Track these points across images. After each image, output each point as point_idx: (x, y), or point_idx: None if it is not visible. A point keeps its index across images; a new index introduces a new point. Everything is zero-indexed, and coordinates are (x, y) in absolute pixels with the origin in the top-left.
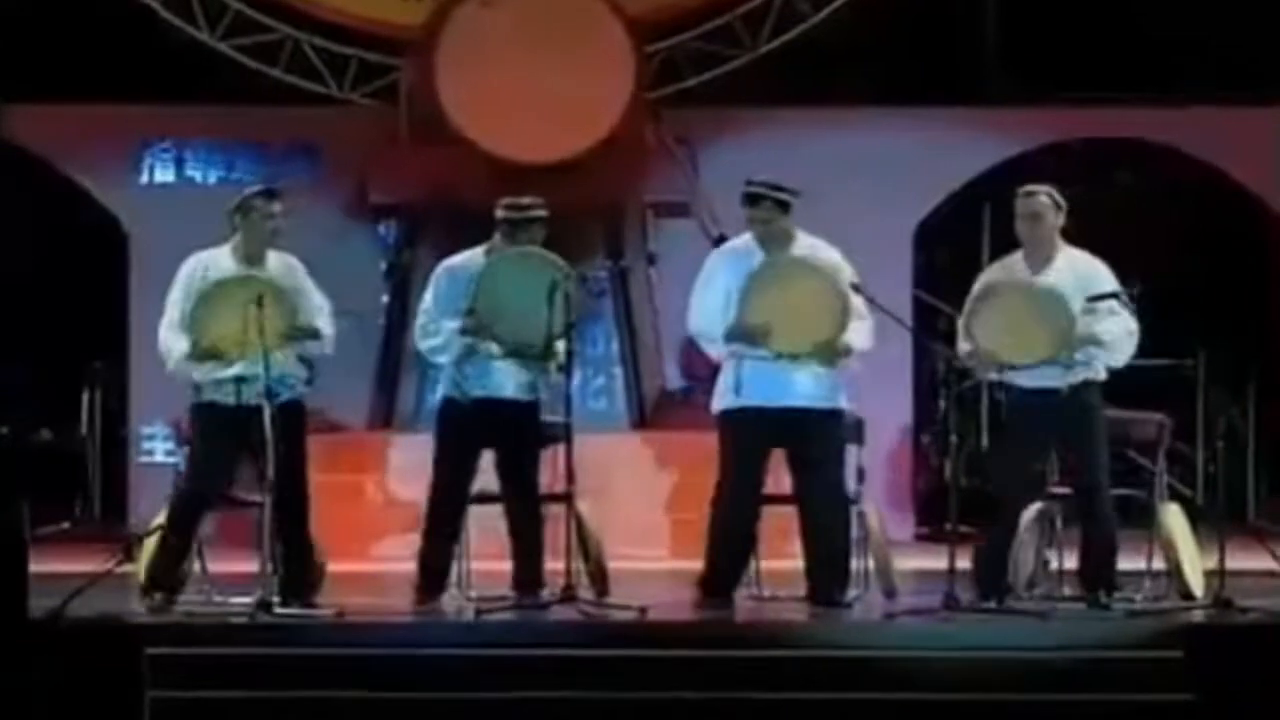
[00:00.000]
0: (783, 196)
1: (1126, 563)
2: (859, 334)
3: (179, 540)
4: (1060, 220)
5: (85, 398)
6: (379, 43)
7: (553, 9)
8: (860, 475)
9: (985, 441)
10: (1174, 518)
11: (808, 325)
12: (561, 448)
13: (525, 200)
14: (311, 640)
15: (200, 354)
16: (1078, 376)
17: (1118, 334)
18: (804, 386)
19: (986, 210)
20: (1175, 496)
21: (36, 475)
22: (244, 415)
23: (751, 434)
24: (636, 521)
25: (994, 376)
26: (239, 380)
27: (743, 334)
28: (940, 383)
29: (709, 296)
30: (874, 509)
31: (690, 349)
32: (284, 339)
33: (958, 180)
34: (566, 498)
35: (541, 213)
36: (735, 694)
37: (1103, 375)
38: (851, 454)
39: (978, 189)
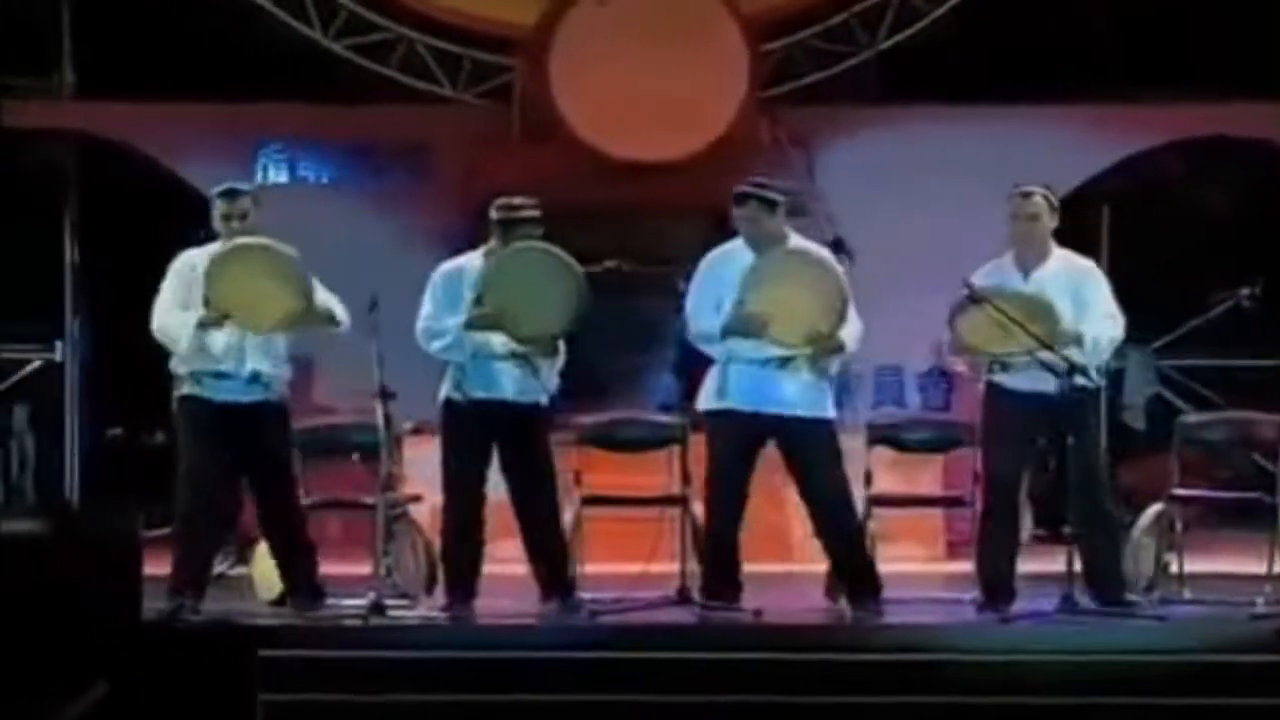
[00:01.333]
0: (769, 195)
1: (1248, 566)
2: (850, 335)
3: (194, 542)
4: (1054, 221)
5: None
6: (492, 42)
7: (667, 7)
8: (976, 478)
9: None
10: None
11: (805, 317)
12: (676, 449)
13: (517, 200)
14: (425, 643)
15: (213, 319)
16: (1071, 380)
17: (1099, 336)
18: (789, 393)
19: (1105, 210)
20: None
21: (150, 477)
22: (226, 411)
23: (734, 435)
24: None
25: (964, 369)
26: (219, 375)
27: (740, 325)
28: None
29: (700, 298)
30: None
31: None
32: (298, 317)
33: (1076, 179)
34: (681, 500)
35: (534, 213)
36: (850, 698)
37: (1095, 381)
38: (967, 457)
39: (1096, 188)
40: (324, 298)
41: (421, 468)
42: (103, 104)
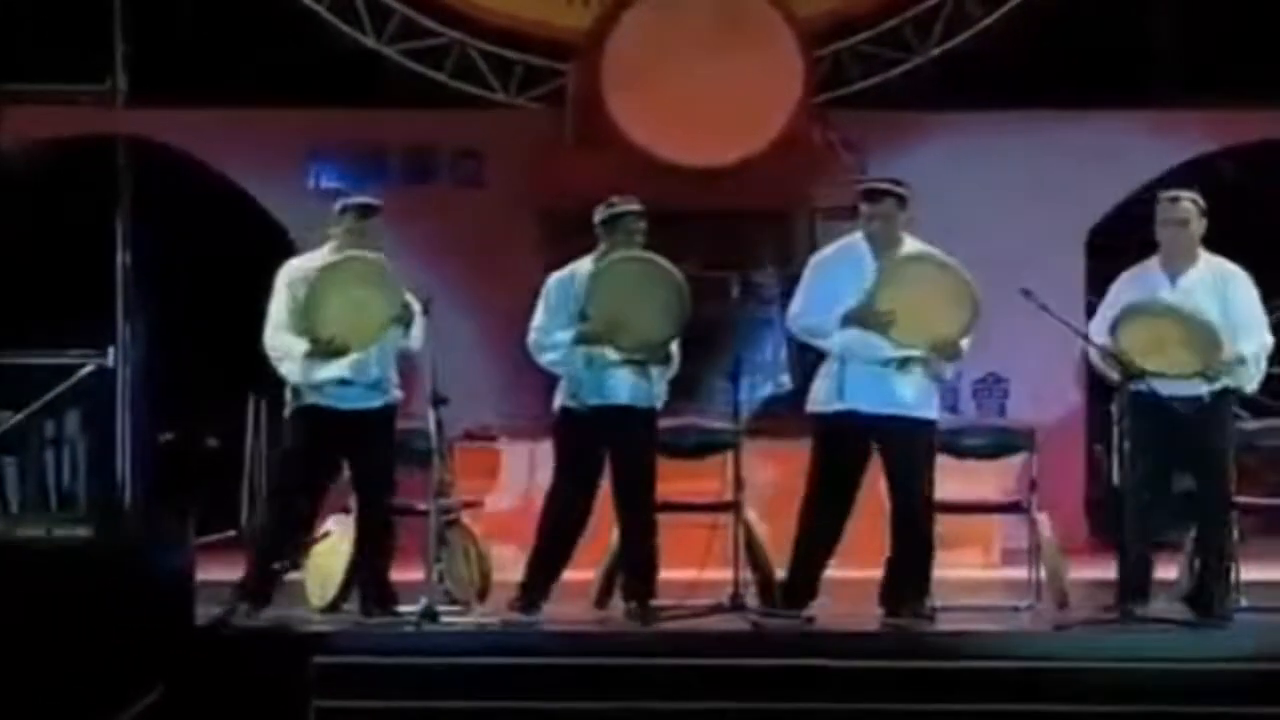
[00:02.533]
0: (903, 192)
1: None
2: (968, 340)
3: (274, 550)
4: (1202, 227)
5: (251, 405)
6: (545, 47)
7: (720, 12)
8: (1032, 485)
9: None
10: None
11: (931, 320)
12: (730, 455)
13: (617, 200)
14: (477, 649)
15: (322, 350)
16: (1218, 384)
17: (1257, 351)
18: (906, 394)
19: None
20: None
21: (203, 482)
22: (347, 419)
23: (851, 437)
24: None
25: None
26: (343, 382)
27: (864, 318)
28: (1113, 389)
29: (813, 293)
30: (1046, 518)
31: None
32: (392, 321)
33: (1132, 185)
34: (735, 506)
35: (636, 207)
36: (905, 705)
37: (1243, 383)
38: (1021, 462)
39: (1153, 194)
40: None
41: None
42: (156, 110)
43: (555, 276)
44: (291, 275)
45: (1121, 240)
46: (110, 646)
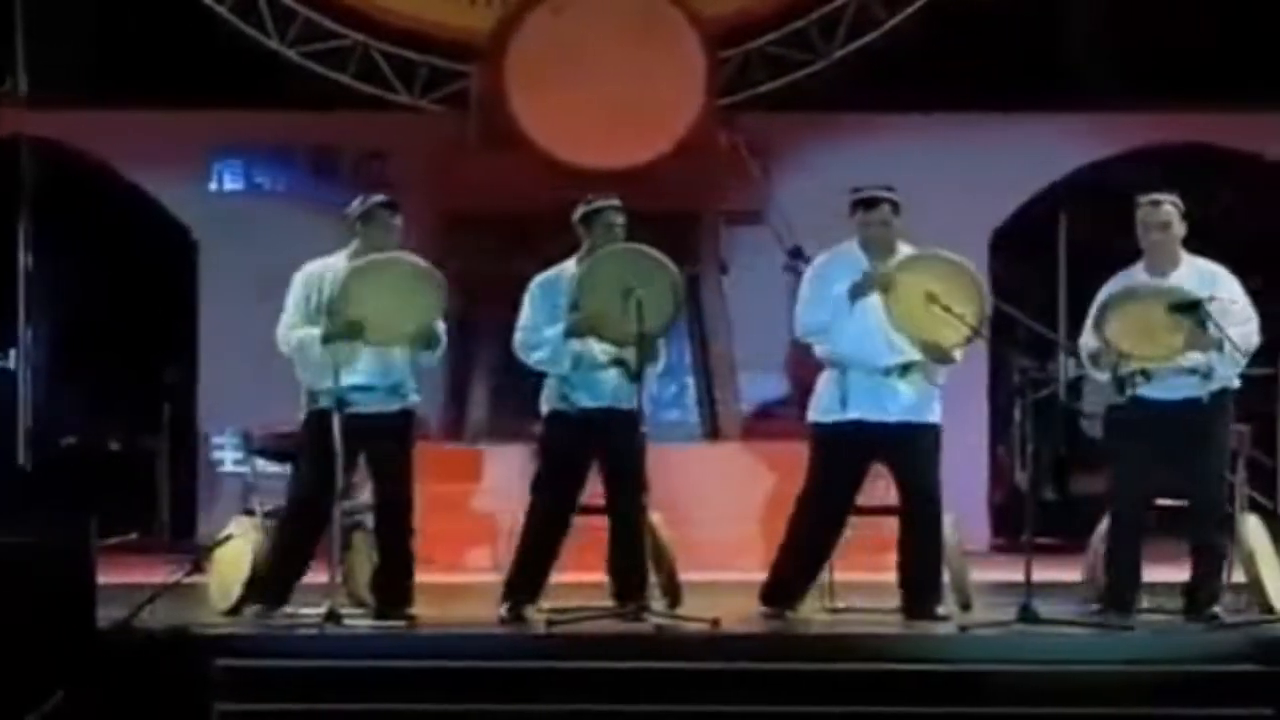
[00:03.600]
0: (897, 198)
1: None
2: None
3: (293, 553)
4: (1184, 229)
5: (155, 407)
6: (449, 49)
7: (625, 14)
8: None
9: (1063, 451)
10: (1254, 530)
11: (934, 319)
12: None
13: (591, 196)
14: (381, 652)
15: (340, 331)
16: (1214, 385)
17: (1247, 334)
18: (907, 399)
19: (1063, 217)
20: (1256, 508)
21: (105, 485)
22: (363, 424)
23: (853, 448)
24: (709, 532)
25: (1122, 372)
26: (358, 389)
27: (870, 283)
28: (1016, 392)
29: (820, 293)
30: (950, 520)
31: (796, 355)
32: (424, 330)
33: (1034, 186)
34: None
35: (613, 201)
36: (808, 708)
37: (1236, 383)
38: None
39: (1054, 196)
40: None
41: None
42: (58, 111)
43: (540, 277)
44: (309, 275)
45: (1024, 241)
46: (11, 651)
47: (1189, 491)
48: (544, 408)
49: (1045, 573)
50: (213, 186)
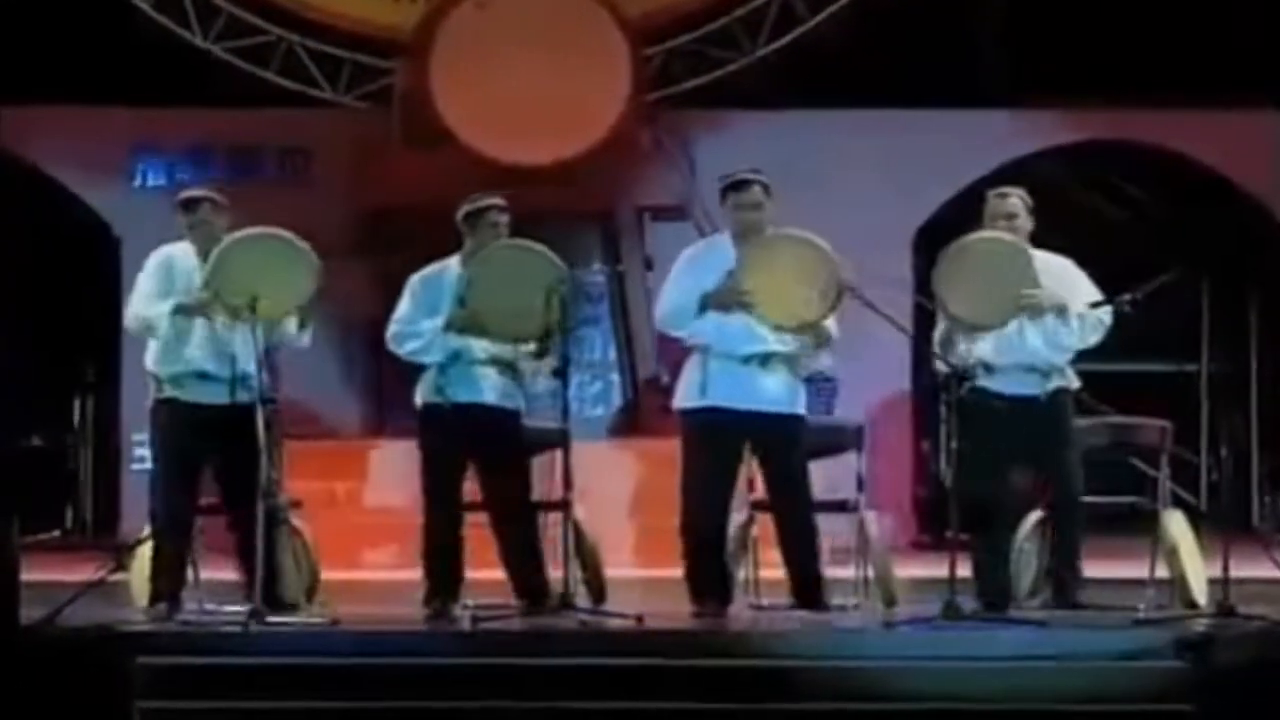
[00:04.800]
0: (767, 181)
1: (1129, 570)
2: (833, 323)
3: (170, 549)
4: (1031, 223)
5: (76, 404)
6: (372, 45)
7: (549, 11)
8: (860, 482)
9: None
10: (1177, 525)
11: (794, 301)
12: (559, 454)
13: (475, 195)
14: (304, 649)
15: (192, 305)
16: (1053, 384)
17: (1088, 316)
18: (771, 391)
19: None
20: (1178, 503)
21: (26, 482)
22: (206, 413)
23: (718, 433)
24: (633, 528)
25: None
26: (202, 376)
27: (724, 300)
28: (940, 387)
29: (683, 282)
30: (874, 516)
31: (666, 346)
32: (289, 311)
33: (959, 184)
34: (564, 505)
35: (495, 200)
36: (732, 704)
37: (1076, 383)
38: (851, 460)
39: (979, 193)
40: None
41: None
42: None
43: (421, 273)
44: (158, 259)
45: (947, 238)
46: None
47: (1045, 486)
48: (418, 400)
49: (967, 569)
50: (135, 183)
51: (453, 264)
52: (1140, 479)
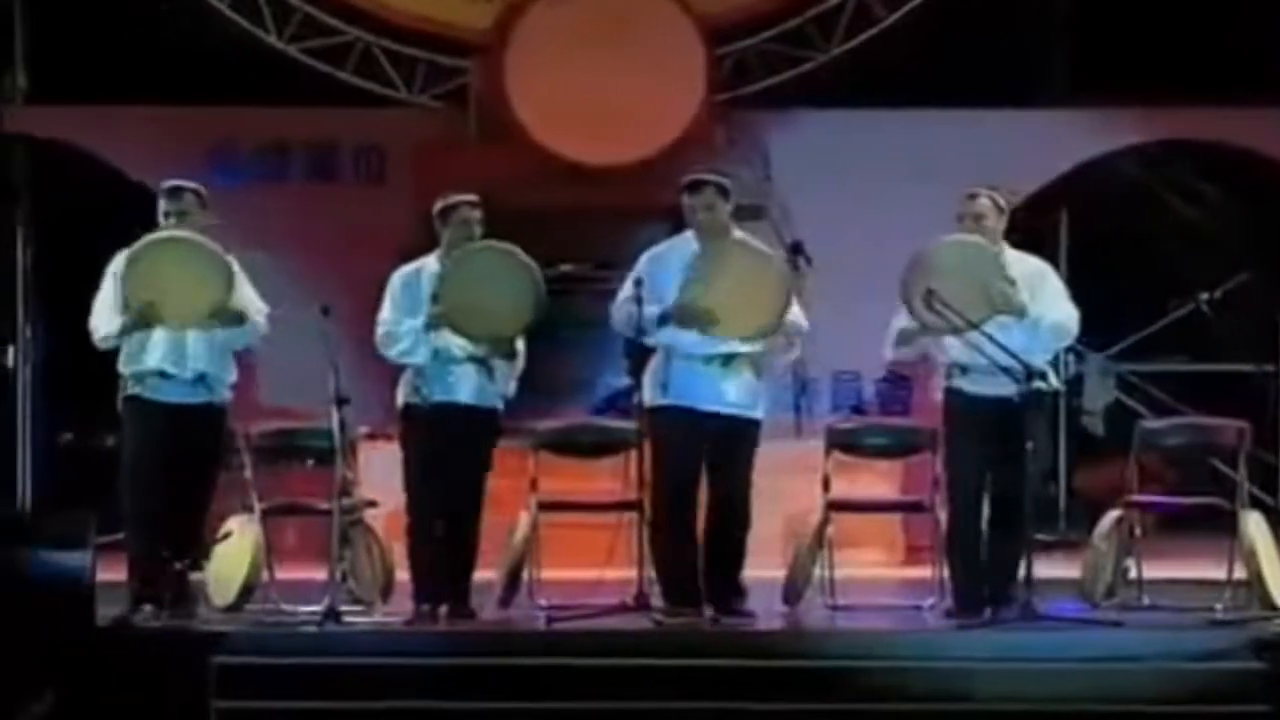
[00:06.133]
0: (724, 183)
1: (1207, 571)
2: (798, 314)
3: (143, 550)
4: (1003, 224)
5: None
6: (448, 45)
7: (623, 10)
8: (935, 483)
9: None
10: (1255, 526)
11: (753, 309)
12: (632, 454)
13: (452, 194)
14: (379, 649)
15: (134, 319)
16: (1029, 385)
17: (1048, 318)
18: (732, 394)
19: (1064, 215)
20: (1257, 504)
21: (103, 482)
22: (170, 412)
23: (678, 431)
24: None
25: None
26: (161, 374)
27: (684, 317)
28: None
29: (634, 289)
30: (947, 518)
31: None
32: (213, 313)
33: (1033, 185)
34: (637, 504)
35: (467, 197)
36: (807, 705)
37: (1053, 384)
38: (927, 462)
39: (1054, 192)
40: (245, 295)
41: (380, 472)
42: (55, 108)
43: (400, 272)
44: (113, 268)
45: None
46: (9, 649)
47: (998, 487)
48: (399, 400)
49: (1046, 570)
50: (212, 183)
51: (430, 262)
52: (1218, 479)
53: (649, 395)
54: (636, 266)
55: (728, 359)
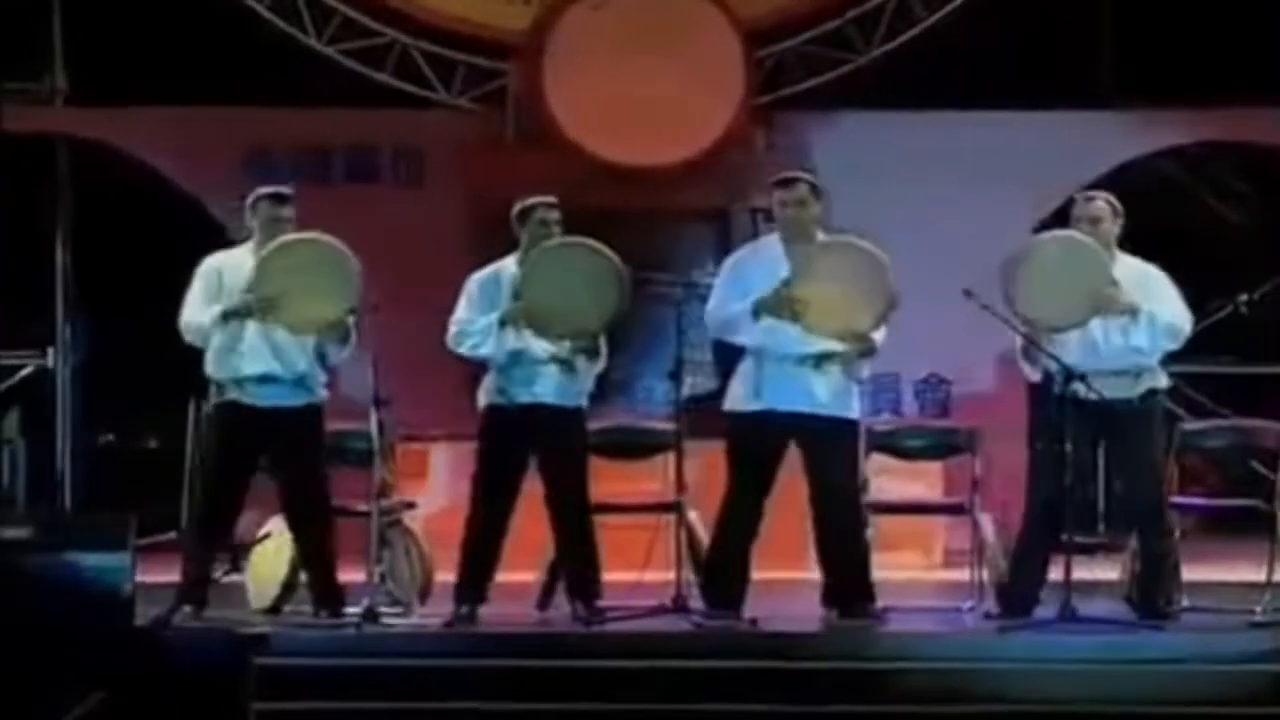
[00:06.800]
0: (817, 181)
1: (1246, 573)
2: (882, 333)
3: (202, 551)
4: (1118, 228)
5: (191, 407)
6: (487, 47)
7: (662, 12)
8: (975, 485)
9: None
10: None
11: (844, 311)
12: (671, 456)
13: (530, 197)
14: (419, 651)
15: (234, 311)
16: (1144, 385)
17: (1158, 315)
18: (823, 392)
19: None
20: None
21: (143, 483)
22: (268, 416)
23: (768, 437)
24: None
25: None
26: (265, 379)
27: (775, 306)
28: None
29: (728, 290)
30: (989, 520)
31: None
32: (331, 325)
33: (1072, 186)
34: (677, 507)
35: (546, 199)
36: (847, 706)
37: (1166, 382)
38: (966, 464)
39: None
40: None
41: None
42: (95, 109)
43: (478, 274)
44: (208, 266)
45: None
46: (49, 649)
47: (1125, 490)
48: (481, 401)
49: (1086, 572)
50: (250, 185)
51: (509, 263)
52: (1258, 481)
53: (739, 399)
54: (724, 269)
55: (820, 359)
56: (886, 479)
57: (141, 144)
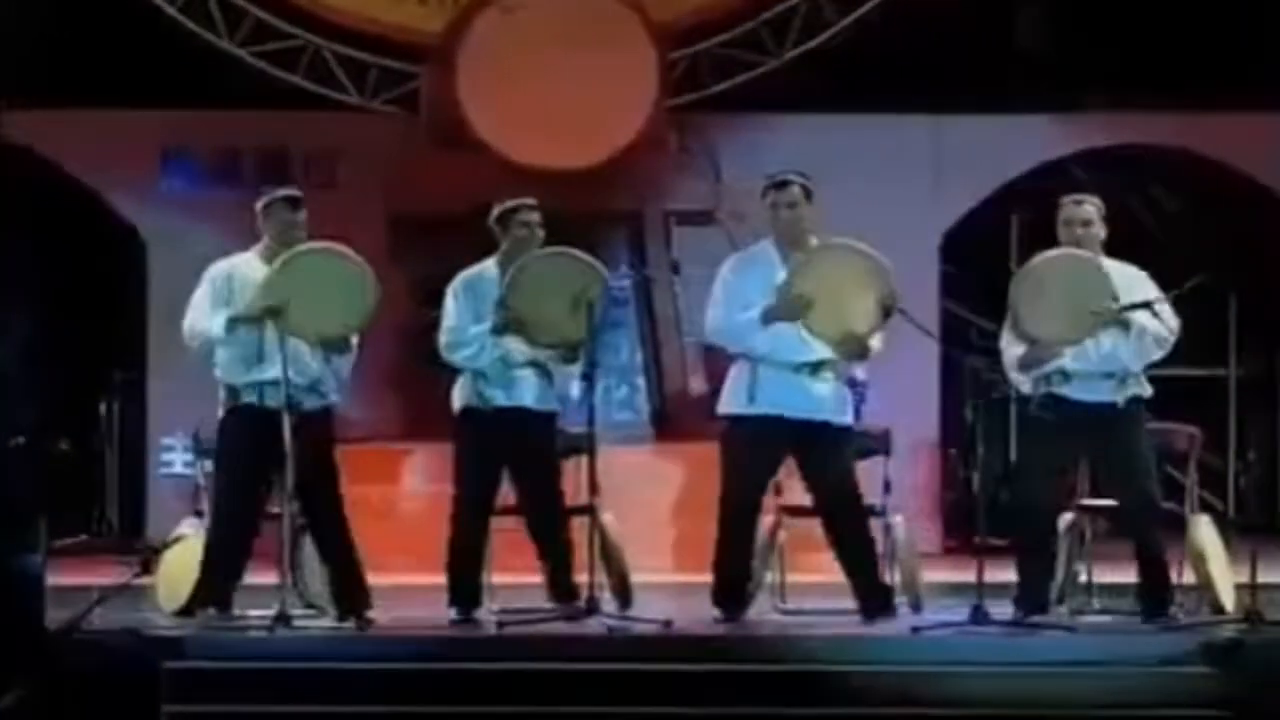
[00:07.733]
0: (809, 183)
1: None
2: (878, 339)
3: (230, 556)
4: (1103, 231)
5: (103, 408)
6: (399, 49)
7: (575, 15)
8: (887, 487)
9: (1014, 454)
10: (1205, 530)
11: (846, 311)
12: (584, 459)
13: (505, 198)
14: (332, 654)
15: (248, 316)
16: (1129, 391)
17: (1145, 325)
18: (820, 399)
19: (1015, 220)
20: (1207, 509)
21: (54, 486)
22: (279, 420)
23: (762, 442)
24: (662, 533)
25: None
26: (273, 384)
27: (785, 309)
28: (967, 394)
29: (730, 295)
30: (902, 521)
31: (712, 354)
32: (338, 338)
33: (986, 189)
34: (590, 510)
35: (526, 201)
36: (758, 709)
37: (1149, 391)
38: (878, 465)
39: (1005, 198)
40: None
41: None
42: (5, 111)
43: (463, 275)
44: (217, 271)
45: (976, 245)
46: None
47: (1119, 495)
48: (456, 404)
49: (997, 574)
50: (161, 187)
51: (490, 265)
52: (1169, 484)
53: (732, 404)
54: (719, 279)
55: (816, 366)
56: (798, 481)
57: (52, 146)
